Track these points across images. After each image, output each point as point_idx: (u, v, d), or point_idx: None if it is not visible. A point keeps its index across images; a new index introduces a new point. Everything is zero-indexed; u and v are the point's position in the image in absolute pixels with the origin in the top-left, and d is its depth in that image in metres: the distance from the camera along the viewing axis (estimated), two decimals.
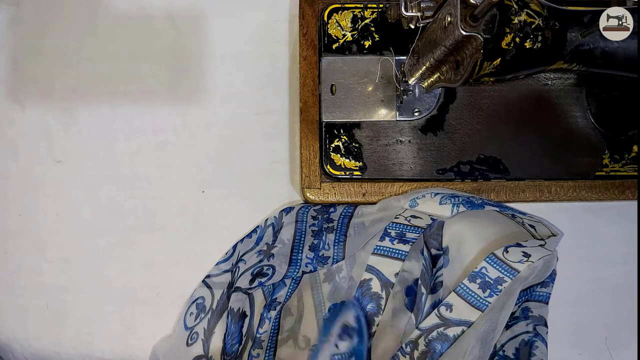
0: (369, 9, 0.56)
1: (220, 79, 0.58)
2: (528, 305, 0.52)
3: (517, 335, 0.51)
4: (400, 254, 0.52)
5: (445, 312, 0.51)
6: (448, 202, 0.51)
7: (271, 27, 0.59)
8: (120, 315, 0.56)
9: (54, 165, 0.58)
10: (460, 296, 0.51)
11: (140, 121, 0.58)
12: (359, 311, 0.49)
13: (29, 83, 0.59)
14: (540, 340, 0.50)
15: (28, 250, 0.57)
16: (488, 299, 0.50)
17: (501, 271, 0.50)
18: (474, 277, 0.51)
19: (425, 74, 0.47)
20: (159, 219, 0.57)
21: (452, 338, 0.49)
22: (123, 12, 0.59)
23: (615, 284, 0.56)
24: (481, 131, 0.54)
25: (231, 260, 0.55)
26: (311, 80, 0.55)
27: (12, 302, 0.56)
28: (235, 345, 0.52)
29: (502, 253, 0.50)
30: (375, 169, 0.54)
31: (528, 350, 0.50)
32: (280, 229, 0.55)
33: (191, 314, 0.54)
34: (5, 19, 0.59)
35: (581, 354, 0.55)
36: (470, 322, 0.50)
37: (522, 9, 0.39)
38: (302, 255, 0.53)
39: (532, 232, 0.52)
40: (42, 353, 0.55)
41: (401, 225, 0.53)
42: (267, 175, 0.57)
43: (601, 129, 0.54)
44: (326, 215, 0.54)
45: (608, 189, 0.54)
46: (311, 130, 0.54)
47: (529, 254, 0.49)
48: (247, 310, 0.53)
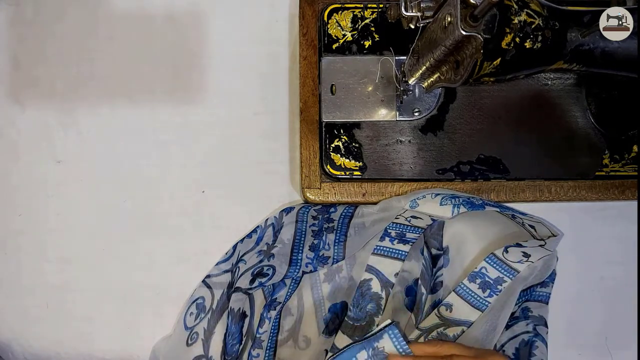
0: (369, 9, 0.56)
1: (220, 79, 0.58)
2: (528, 305, 0.52)
3: (517, 335, 0.51)
4: (400, 254, 0.52)
5: (445, 312, 0.50)
6: (449, 202, 0.51)
7: (271, 27, 0.59)
8: (120, 315, 0.56)
9: (55, 165, 0.58)
10: (460, 296, 0.51)
11: (140, 121, 0.58)
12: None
13: (29, 83, 0.59)
14: (540, 340, 0.50)
15: (28, 250, 0.57)
16: (488, 299, 0.50)
17: (501, 271, 0.50)
18: (473, 277, 0.51)
19: (425, 74, 0.47)
20: (159, 219, 0.57)
21: (452, 338, 0.49)
22: (123, 12, 0.59)
23: (615, 284, 0.56)
24: (481, 131, 0.54)
25: (231, 261, 0.55)
26: (311, 80, 0.55)
27: (12, 302, 0.56)
28: (235, 346, 0.52)
29: (502, 253, 0.50)
30: (375, 169, 0.54)
31: (528, 350, 0.50)
32: (281, 229, 0.55)
33: (191, 314, 0.54)
34: (5, 19, 0.59)
35: (581, 354, 0.55)
36: (470, 322, 0.50)
37: (522, 9, 0.39)
38: (302, 255, 0.53)
39: (532, 233, 0.52)
40: (42, 353, 0.55)
41: (401, 226, 0.53)
42: (267, 175, 0.57)
43: (601, 129, 0.54)
44: (326, 215, 0.54)
45: (608, 189, 0.54)
46: (311, 130, 0.54)
47: (528, 254, 0.49)
48: (247, 310, 0.53)
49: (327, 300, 0.54)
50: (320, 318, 0.53)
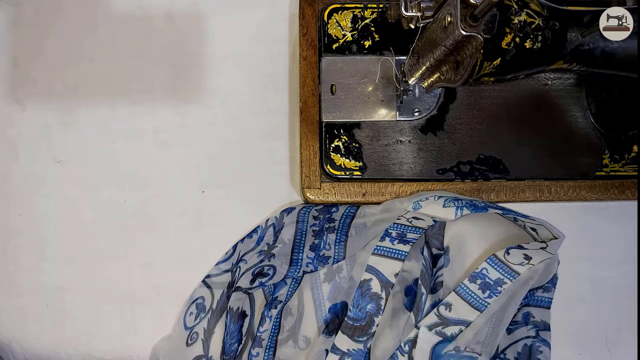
0: (369, 9, 0.56)
1: (220, 79, 0.58)
2: (529, 311, 0.52)
3: (518, 340, 0.51)
4: (400, 254, 0.52)
5: (445, 311, 0.51)
6: (452, 205, 0.51)
7: (271, 27, 0.59)
8: (120, 315, 0.56)
9: (54, 165, 0.58)
10: (460, 296, 0.51)
11: (140, 121, 0.58)
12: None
13: (29, 83, 0.59)
14: (545, 345, 0.51)
15: (28, 250, 0.57)
16: (487, 299, 0.50)
17: (502, 272, 0.50)
18: (474, 278, 0.51)
19: (425, 74, 0.47)
20: (159, 219, 0.57)
21: (450, 337, 0.50)
22: (123, 12, 0.59)
23: (615, 284, 0.56)
24: (481, 131, 0.54)
25: (231, 260, 0.55)
26: (311, 80, 0.55)
27: (12, 302, 0.56)
28: (234, 345, 0.52)
29: (504, 255, 0.50)
30: (375, 169, 0.54)
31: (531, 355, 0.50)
32: (281, 229, 0.55)
33: (191, 314, 0.54)
34: (5, 19, 0.59)
35: (581, 354, 0.55)
36: (469, 321, 0.50)
37: (522, 9, 0.39)
38: (302, 255, 0.53)
39: (534, 235, 0.52)
40: (42, 353, 0.55)
41: (402, 226, 0.53)
42: (267, 175, 0.57)
43: (601, 129, 0.54)
44: (328, 215, 0.54)
45: (608, 189, 0.54)
46: (311, 130, 0.54)
47: (530, 256, 0.50)
48: (247, 309, 0.53)
49: (327, 301, 0.54)
50: (320, 318, 0.53)
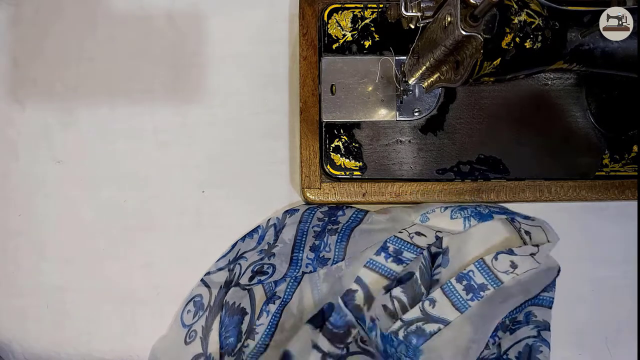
0: (369, 9, 0.56)
1: (220, 79, 0.58)
2: (532, 310, 0.52)
3: (520, 340, 0.51)
4: (390, 273, 0.53)
5: (429, 307, 0.51)
6: (459, 215, 0.53)
7: (271, 27, 0.59)
8: (120, 315, 0.56)
9: (54, 165, 0.58)
10: (445, 294, 0.51)
11: (140, 121, 0.58)
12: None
13: (29, 83, 0.59)
14: (545, 345, 0.51)
15: (28, 250, 0.57)
16: (469, 302, 0.51)
17: (486, 278, 0.51)
18: (461, 278, 0.51)
19: (425, 74, 0.47)
20: (159, 219, 0.57)
21: (428, 334, 0.50)
22: (123, 12, 0.59)
23: (615, 284, 0.56)
24: (481, 131, 0.54)
25: (228, 257, 0.55)
26: (311, 80, 0.55)
27: (12, 302, 0.56)
28: (229, 339, 0.52)
29: (491, 260, 0.51)
30: (375, 169, 0.54)
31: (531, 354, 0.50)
32: (282, 229, 0.55)
33: (188, 312, 0.54)
34: (5, 19, 0.59)
35: (581, 354, 0.55)
36: (448, 320, 0.50)
37: (522, 9, 0.39)
38: (302, 255, 0.53)
39: (525, 240, 0.53)
40: (42, 353, 0.55)
41: (402, 242, 0.53)
42: (267, 175, 0.57)
43: (601, 129, 0.54)
44: (333, 218, 0.54)
45: (608, 189, 0.54)
46: (311, 130, 0.54)
47: (516, 264, 0.51)
48: (247, 307, 0.53)
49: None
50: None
